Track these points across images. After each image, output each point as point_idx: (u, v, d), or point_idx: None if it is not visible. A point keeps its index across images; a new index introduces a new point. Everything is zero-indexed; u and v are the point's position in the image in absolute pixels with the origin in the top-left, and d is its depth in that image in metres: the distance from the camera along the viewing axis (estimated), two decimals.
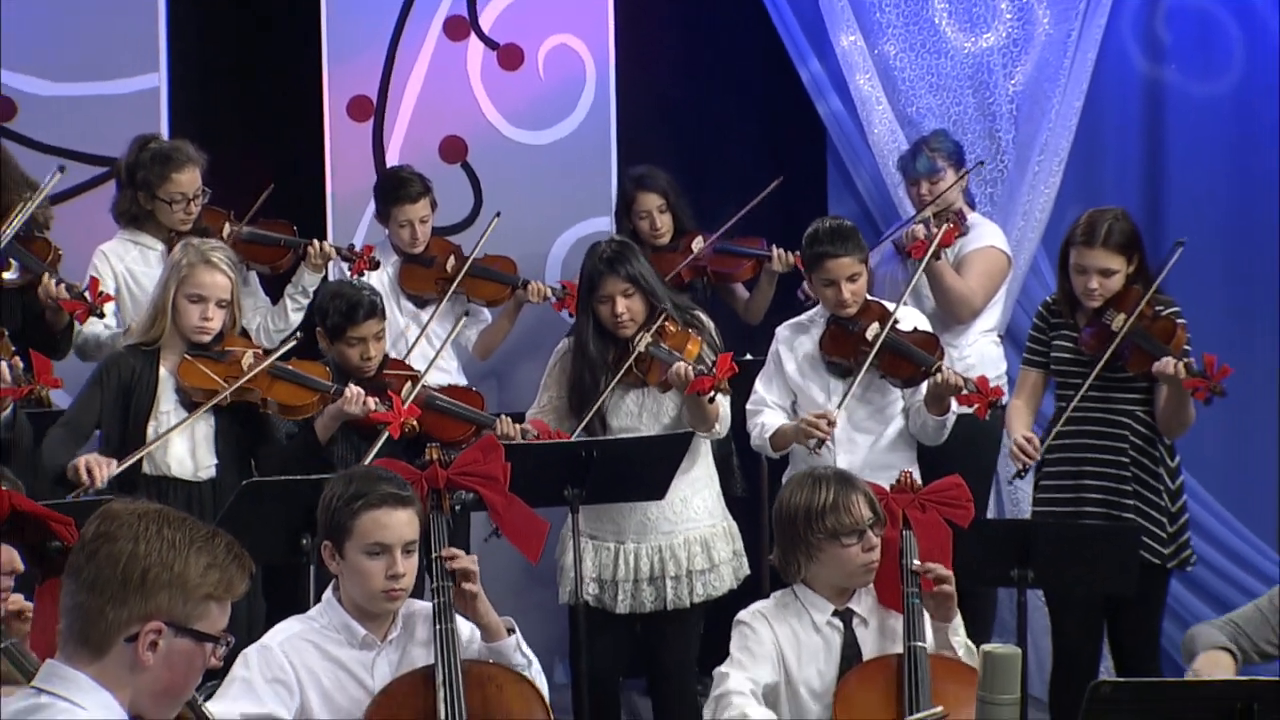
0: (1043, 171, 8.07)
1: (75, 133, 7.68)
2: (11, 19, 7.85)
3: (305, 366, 6.48)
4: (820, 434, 6.53)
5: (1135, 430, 6.57)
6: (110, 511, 3.54)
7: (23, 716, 3.44)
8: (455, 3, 8.09)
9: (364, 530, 4.78)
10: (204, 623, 3.52)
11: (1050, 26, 8.15)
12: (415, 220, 7.55)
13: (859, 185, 8.24)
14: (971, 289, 7.37)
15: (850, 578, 5.24)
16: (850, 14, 8.11)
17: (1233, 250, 8.18)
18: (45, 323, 6.80)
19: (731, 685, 5.08)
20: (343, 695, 4.84)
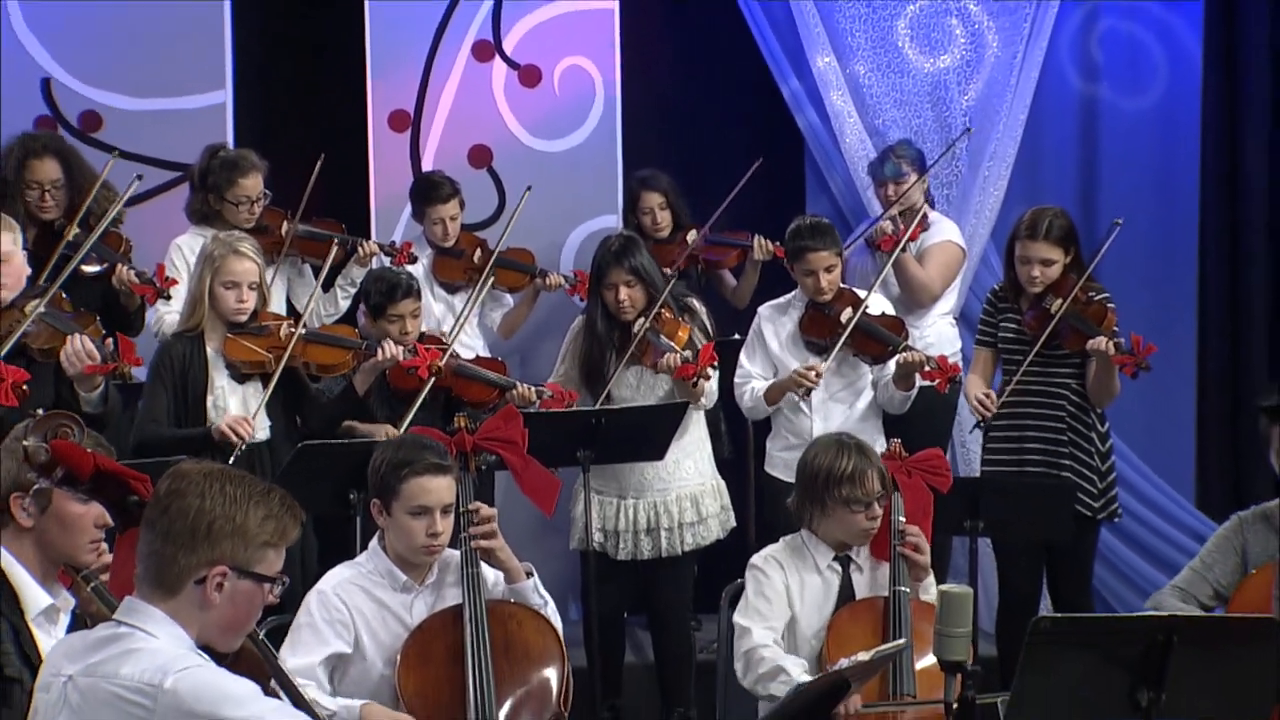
0: (992, 175, 8.08)
1: (152, 142, 7.67)
2: (98, 44, 7.86)
3: (334, 329, 6.55)
4: (810, 383, 6.62)
5: (1070, 400, 6.61)
6: (180, 471, 3.56)
7: (106, 643, 3.47)
8: (482, 28, 8.08)
9: (409, 494, 4.81)
10: (262, 566, 3.54)
11: (998, 50, 8.15)
12: (446, 218, 7.56)
13: (833, 187, 8.24)
14: (931, 278, 7.38)
15: (851, 538, 5.30)
16: (825, 38, 8.11)
17: (1157, 243, 8.19)
18: (121, 306, 6.81)
19: (756, 640, 5.14)
20: (386, 631, 4.88)
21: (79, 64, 7.88)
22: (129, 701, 3.36)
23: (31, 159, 6.75)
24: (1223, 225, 8.64)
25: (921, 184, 7.52)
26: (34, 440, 4.19)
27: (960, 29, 8.17)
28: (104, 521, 4.20)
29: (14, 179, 6.70)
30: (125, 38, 7.88)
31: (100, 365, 5.79)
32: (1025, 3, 8.12)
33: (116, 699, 3.37)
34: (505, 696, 4.81)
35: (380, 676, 4.83)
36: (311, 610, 4.84)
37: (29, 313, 5.84)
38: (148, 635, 3.46)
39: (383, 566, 4.93)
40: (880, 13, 8.15)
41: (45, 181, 6.74)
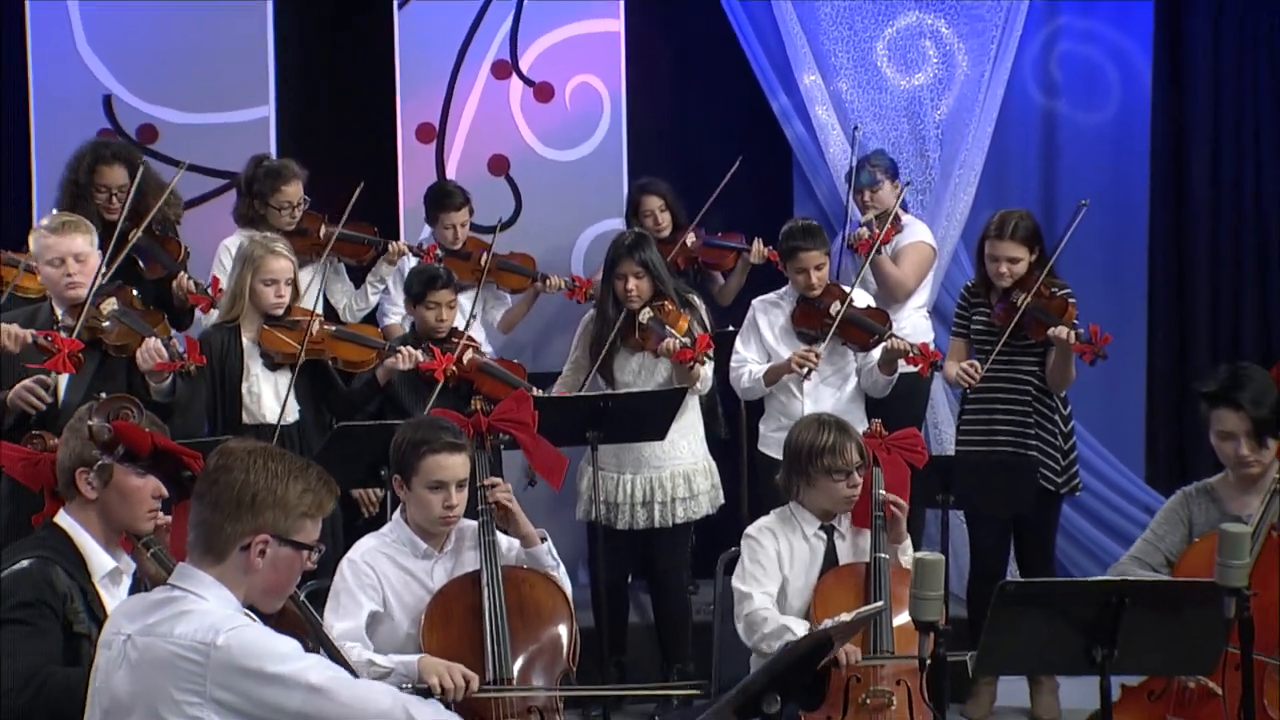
0: (962, 182, 8.07)
1: (203, 152, 7.66)
2: (154, 64, 7.88)
3: (360, 329, 6.58)
4: (811, 364, 6.64)
5: (1035, 385, 6.62)
6: (227, 448, 3.58)
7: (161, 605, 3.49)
8: (500, 48, 8.08)
9: (427, 470, 4.84)
10: (301, 534, 3.56)
11: (968, 69, 8.14)
12: (457, 224, 7.54)
13: (818, 193, 8.22)
14: (906, 275, 7.37)
15: (834, 505, 5.33)
16: (810, 58, 8.10)
17: (1111, 243, 8.18)
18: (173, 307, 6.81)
19: (756, 604, 5.18)
20: (410, 594, 4.90)
21: (137, 82, 7.90)
22: (183, 658, 3.38)
23: (101, 164, 6.75)
24: (1170, 229, 8.65)
25: (895, 190, 7.51)
26: (97, 421, 4.21)
27: (933, 50, 8.17)
28: (160, 493, 4.23)
29: (85, 182, 6.70)
30: (179, 58, 7.90)
31: (169, 363, 5.83)
32: (992, 26, 8.11)
33: (173, 656, 3.38)
34: (519, 653, 4.82)
35: (406, 634, 4.86)
36: (345, 577, 4.87)
37: (104, 310, 5.85)
38: (199, 598, 3.48)
39: (404, 536, 4.96)
40: (861, 35, 8.14)
41: (113, 186, 6.74)
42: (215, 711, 3.38)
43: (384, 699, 3.50)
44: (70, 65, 7.83)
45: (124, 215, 6.64)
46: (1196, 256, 8.64)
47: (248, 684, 3.37)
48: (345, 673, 3.54)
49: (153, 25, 7.87)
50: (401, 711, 3.49)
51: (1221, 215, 8.62)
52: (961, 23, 8.15)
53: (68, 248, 5.83)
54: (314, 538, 3.59)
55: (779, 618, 5.13)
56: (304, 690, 3.39)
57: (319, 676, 3.42)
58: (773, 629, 5.06)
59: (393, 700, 3.50)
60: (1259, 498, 5.08)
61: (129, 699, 3.42)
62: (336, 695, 3.43)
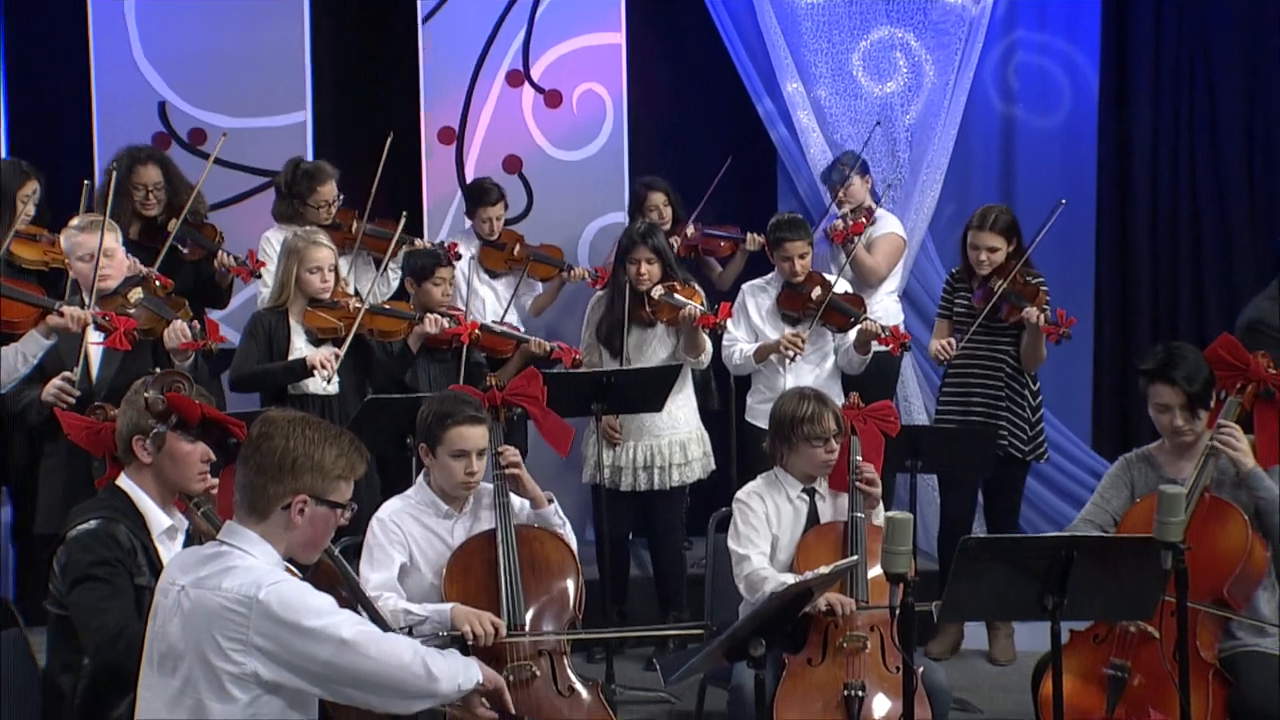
0: (929, 180, 8.07)
1: (245, 153, 7.67)
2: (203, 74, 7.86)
3: (393, 304, 6.64)
4: (798, 348, 6.65)
5: (1009, 363, 6.63)
6: (269, 417, 3.60)
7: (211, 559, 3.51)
8: (514, 59, 8.07)
9: (451, 440, 4.85)
10: (335, 495, 3.57)
11: (934, 78, 8.13)
12: (493, 217, 7.55)
13: (799, 189, 8.22)
14: (878, 263, 7.37)
15: (814, 469, 5.34)
16: (793, 67, 8.09)
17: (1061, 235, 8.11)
18: (214, 284, 6.91)
19: (755, 565, 5.19)
20: (432, 550, 4.91)
21: (188, 90, 7.88)
22: (229, 610, 3.39)
23: (137, 165, 6.79)
24: (1114, 221, 8.66)
25: (865, 185, 7.51)
26: (152, 393, 4.22)
27: (903, 60, 8.16)
28: (209, 458, 4.25)
29: (124, 181, 6.70)
30: (225, 69, 7.87)
31: (192, 343, 5.84)
32: (956, 39, 8.11)
33: (220, 607, 3.40)
34: (531, 602, 4.83)
35: (430, 585, 4.87)
36: (376, 534, 4.89)
37: (131, 299, 5.85)
38: (244, 553, 3.50)
39: (428, 498, 4.97)
40: (838, 47, 8.12)
41: (149, 184, 6.77)
42: (256, 658, 3.39)
43: (405, 652, 3.52)
44: (128, 75, 7.82)
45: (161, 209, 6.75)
46: (1138, 246, 8.67)
47: (284, 634, 3.39)
48: (372, 627, 3.56)
49: (202, 39, 7.85)
50: (420, 664, 3.51)
51: (1160, 210, 8.64)
52: (929, 36, 8.15)
53: (97, 244, 5.83)
54: (347, 497, 3.60)
55: (776, 576, 5.12)
56: (334, 643, 3.41)
57: (348, 631, 3.44)
58: (773, 586, 5.03)
59: (413, 653, 3.52)
60: (1193, 463, 5.09)
61: (182, 644, 3.43)
62: (363, 648, 3.44)
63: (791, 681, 4.96)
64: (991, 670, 6.56)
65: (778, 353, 6.72)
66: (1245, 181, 8.57)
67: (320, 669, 3.42)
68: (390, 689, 3.50)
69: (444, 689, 3.56)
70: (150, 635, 3.54)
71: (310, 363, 6.15)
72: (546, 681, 4.73)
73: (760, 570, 5.16)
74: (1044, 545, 4.29)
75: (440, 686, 3.55)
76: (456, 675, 3.59)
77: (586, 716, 4.71)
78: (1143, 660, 4.89)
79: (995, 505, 6.79)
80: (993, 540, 4.60)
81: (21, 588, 6.77)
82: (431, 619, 4.61)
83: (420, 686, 3.52)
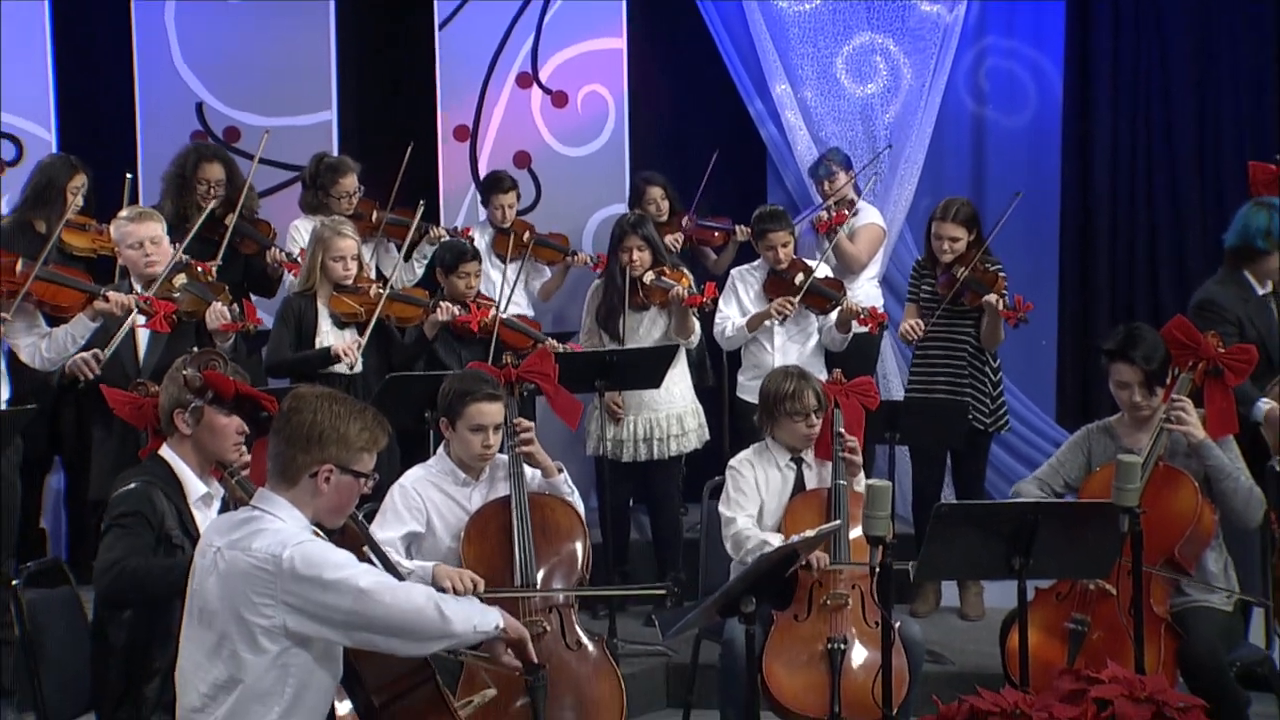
0: (906, 175, 8.04)
1: (276, 149, 7.63)
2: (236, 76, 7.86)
3: (411, 291, 6.66)
4: (788, 311, 6.66)
5: (971, 344, 6.61)
6: (298, 393, 3.61)
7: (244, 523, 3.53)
8: (523, 62, 8.06)
9: (470, 415, 4.86)
10: (359, 465, 3.58)
11: (911, 80, 8.10)
12: (505, 205, 7.54)
13: (787, 183, 8.20)
14: (860, 251, 7.35)
15: (798, 441, 5.35)
16: (781, 70, 8.06)
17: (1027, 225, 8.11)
18: (266, 277, 6.94)
19: (740, 525, 5.20)
20: (451, 515, 4.92)
21: (223, 91, 7.87)
22: (259, 568, 3.42)
23: (203, 162, 6.79)
24: (1076, 211, 8.64)
25: (849, 180, 7.50)
26: (191, 371, 4.24)
27: (883, 64, 8.13)
28: (243, 430, 4.25)
29: (190, 176, 6.72)
30: (257, 72, 7.87)
31: (231, 324, 5.87)
32: (931, 45, 8.07)
33: (251, 567, 3.42)
34: (542, 563, 4.84)
35: (448, 549, 4.88)
36: (395, 498, 4.89)
37: (176, 284, 5.86)
38: (274, 518, 3.52)
39: (447, 468, 4.98)
40: (823, 51, 8.09)
41: (212, 180, 6.76)
42: (285, 612, 3.42)
43: (419, 597, 3.52)
44: (168, 78, 7.81)
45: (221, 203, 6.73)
46: (1098, 236, 8.66)
47: (308, 589, 3.40)
48: (390, 578, 3.57)
49: (235, 44, 7.85)
50: (434, 607, 3.51)
51: (1119, 200, 8.63)
52: (906, 42, 8.11)
53: (145, 233, 5.85)
54: (369, 467, 3.62)
55: (759, 534, 5.14)
56: (354, 593, 3.42)
57: (365, 581, 3.45)
58: (754, 544, 5.07)
59: (426, 598, 3.52)
60: (1148, 435, 5.09)
61: (218, 601, 3.46)
62: (380, 596, 3.45)
63: (779, 635, 4.97)
64: (963, 625, 6.56)
65: (770, 318, 6.73)
66: (1196, 176, 8.58)
67: (343, 618, 3.43)
68: (407, 632, 3.49)
69: (458, 629, 3.53)
70: (190, 592, 3.56)
71: (335, 351, 6.16)
72: (556, 636, 4.74)
73: (744, 530, 5.17)
74: (1012, 510, 4.31)
75: (454, 628, 3.52)
76: (472, 618, 3.57)
77: (592, 668, 4.72)
78: (1101, 615, 4.90)
79: (963, 473, 6.79)
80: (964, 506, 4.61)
81: (73, 550, 6.78)
82: (415, 573, 4.59)
83: (435, 628, 3.50)
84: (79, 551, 6.46)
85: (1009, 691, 3.92)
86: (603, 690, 4.67)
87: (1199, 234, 8.49)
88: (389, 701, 3.67)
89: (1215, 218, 8.17)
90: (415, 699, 3.70)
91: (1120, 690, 3.78)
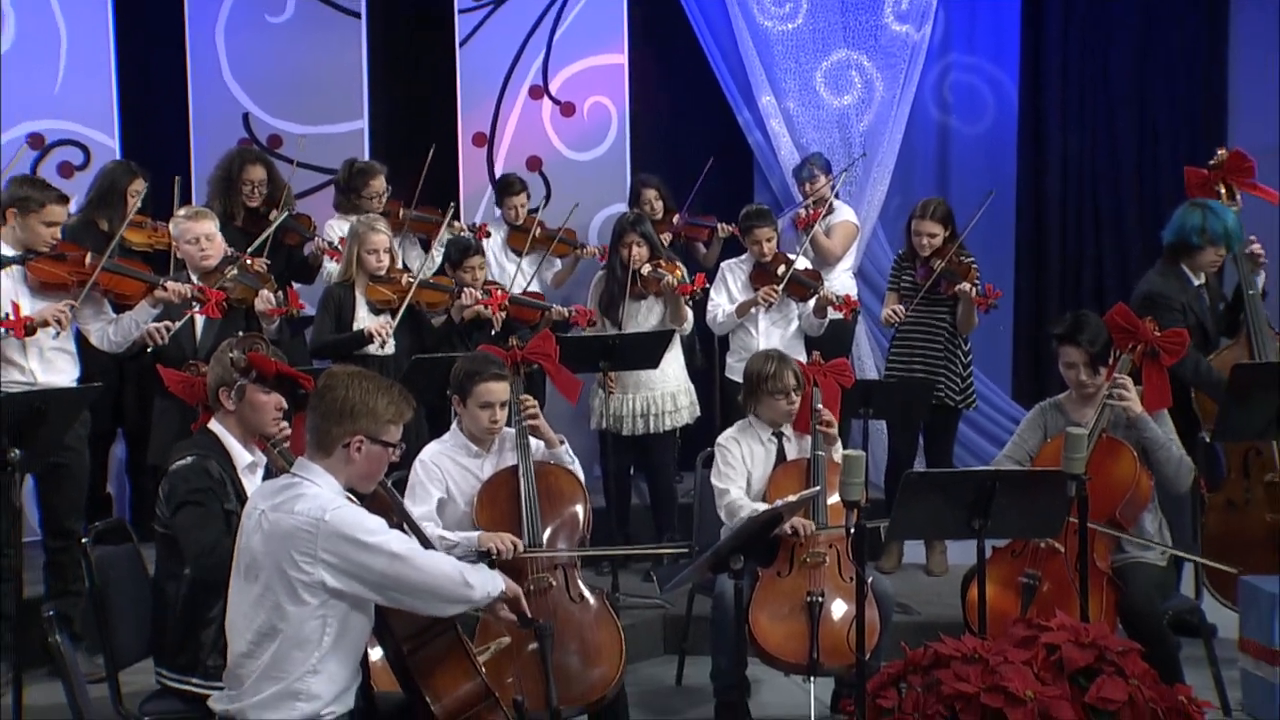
0: (879, 177, 8.01)
1: (314, 154, 7.64)
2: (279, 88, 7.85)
3: (437, 279, 6.63)
4: (773, 299, 6.64)
5: (945, 327, 6.61)
6: (331, 371, 3.63)
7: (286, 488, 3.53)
8: (535, 76, 8.04)
9: (479, 393, 4.84)
10: (387, 436, 3.59)
11: (883, 92, 8.07)
12: (518, 205, 7.52)
13: (772, 185, 8.17)
14: (835, 245, 7.32)
15: (779, 418, 5.33)
16: (767, 83, 8.03)
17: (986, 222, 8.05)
18: (307, 265, 6.92)
19: (733, 496, 5.19)
20: (465, 484, 4.91)
21: (267, 102, 7.86)
22: (300, 529, 3.42)
23: (247, 164, 6.78)
24: (1030, 209, 8.68)
25: (828, 182, 7.48)
26: (236, 352, 4.24)
27: (858, 78, 8.10)
28: (282, 406, 4.24)
29: (236, 178, 6.72)
30: (297, 85, 7.86)
31: (277, 309, 5.89)
32: (901, 60, 8.04)
33: (293, 527, 3.43)
34: (548, 526, 4.83)
35: (464, 513, 4.86)
36: (418, 473, 4.88)
37: (228, 274, 5.85)
38: (312, 483, 3.52)
39: (461, 441, 4.96)
40: (804, 66, 8.06)
41: (255, 180, 6.74)
42: (324, 569, 3.42)
43: (447, 565, 3.57)
44: (218, 91, 7.80)
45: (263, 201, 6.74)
46: (1049, 232, 8.71)
47: (346, 548, 3.41)
48: (419, 545, 3.59)
49: (277, 60, 7.84)
50: (459, 575, 3.56)
51: (1068, 201, 8.68)
52: (879, 58, 8.08)
53: (200, 230, 5.84)
54: (397, 439, 3.62)
55: (750, 504, 5.13)
56: (387, 556, 3.44)
57: (399, 547, 3.47)
58: (747, 512, 5.04)
59: (453, 566, 3.57)
60: (1093, 409, 5.10)
61: (263, 558, 3.46)
62: (412, 561, 3.48)
63: (764, 590, 4.97)
64: (928, 580, 6.56)
65: (756, 305, 6.71)
66: (1136, 179, 8.64)
67: (376, 578, 3.44)
68: (434, 594, 3.52)
69: (477, 595, 3.62)
70: (238, 550, 3.57)
71: (367, 332, 6.15)
72: (561, 591, 4.73)
73: (738, 500, 5.15)
74: (972, 477, 4.30)
75: (474, 594, 3.60)
76: (487, 584, 3.66)
77: (594, 620, 4.71)
78: (1051, 571, 4.90)
79: (933, 445, 6.78)
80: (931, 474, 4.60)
81: (135, 511, 6.79)
82: (462, 544, 4.63)
83: (459, 593, 3.56)
84: (140, 513, 6.47)
85: (969, 638, 3.92)
86: (604, 639, 4.67)
87: (1137, 231, 8.53)
88: (415, 649, 3.69)
89: (1152, 216, 8.17)
90: (438, 646, 3.72)
91: (1067, 636, 3.78)
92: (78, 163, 7.45)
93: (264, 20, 7.84)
